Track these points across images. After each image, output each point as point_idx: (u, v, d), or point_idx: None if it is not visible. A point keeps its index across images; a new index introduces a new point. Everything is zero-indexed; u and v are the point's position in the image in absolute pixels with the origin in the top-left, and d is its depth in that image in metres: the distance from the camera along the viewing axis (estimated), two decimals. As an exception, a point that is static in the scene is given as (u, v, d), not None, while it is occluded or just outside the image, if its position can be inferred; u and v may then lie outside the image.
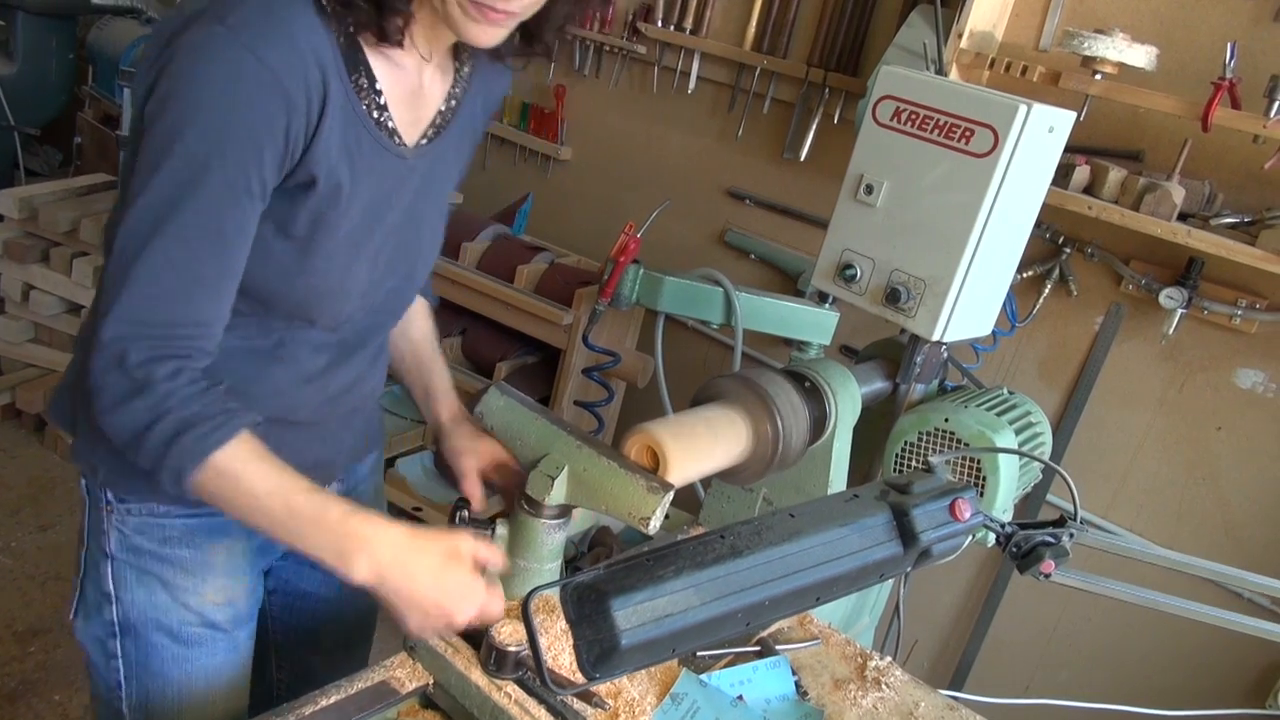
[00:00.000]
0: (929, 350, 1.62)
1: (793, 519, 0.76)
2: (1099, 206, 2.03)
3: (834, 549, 0.75)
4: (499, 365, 2.67)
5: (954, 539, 0.82)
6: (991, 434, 1.49)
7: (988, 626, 2.48)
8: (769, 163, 2.68)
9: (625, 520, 1.19)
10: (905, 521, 0.79)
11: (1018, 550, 0.91)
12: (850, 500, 0.79)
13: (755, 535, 0.73)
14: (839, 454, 1.50)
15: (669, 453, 1.21)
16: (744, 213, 2.75)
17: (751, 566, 0.71)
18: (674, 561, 0.70)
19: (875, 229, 1.56)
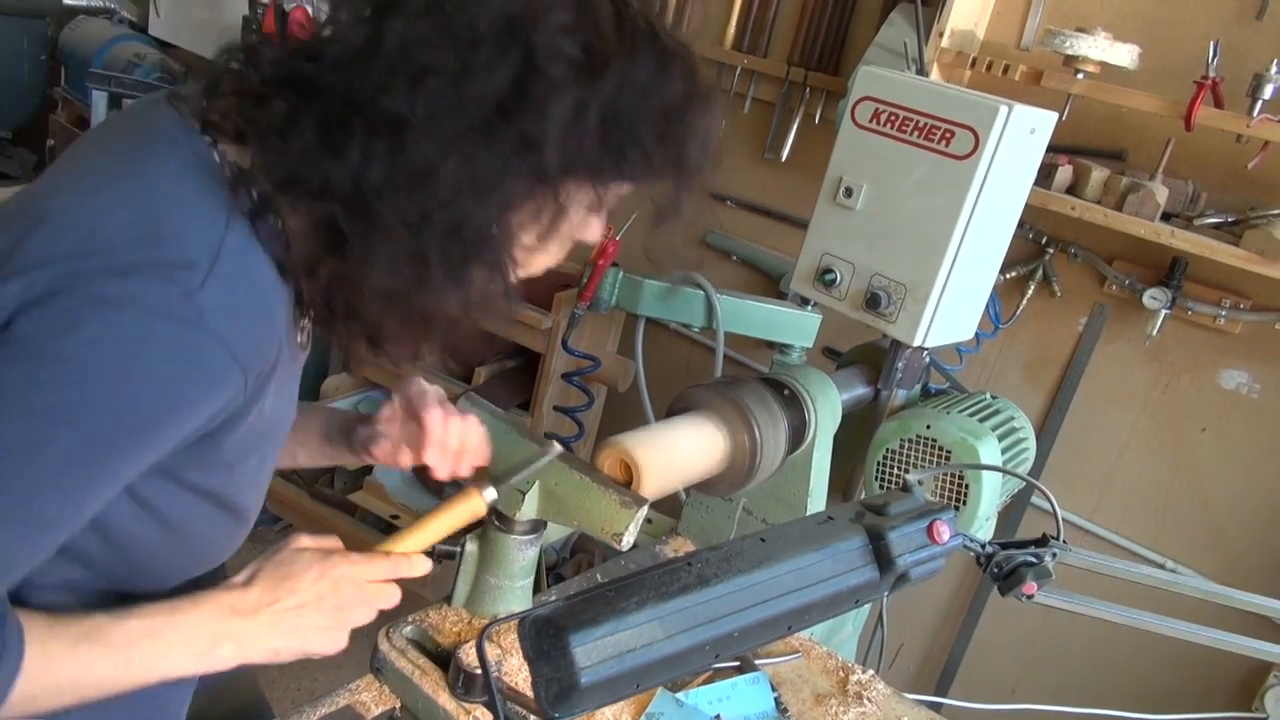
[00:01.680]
0: (910, 355, 1.59)
1: (763, 544, 0.72)
2: (1082, 207, 2.00)
3: (806, 575, 0.71)
4: (478, 370, 2.62)
5: (932, 562, 0.78)
6: (974, 441, 1.45)
7: (973, 629, 2.45)
8: (750, 163, 2.64)
9: (598, 536, 1.15)
10: (881, 545, 0.75)
11: (998, 571, 0.87)
12: (824, 523, 0.76)
13: (724, 563, 0.70)
14: (819, 463, 1.47)
15: (642, 466, 1.17)
16: (725, 214, 2.70)
17: (720, 596, 0.68)
18: (637, 592, 0.67)
19: (855, 232, 1.53)
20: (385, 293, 0.80)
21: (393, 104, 0.74)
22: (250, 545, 1.01)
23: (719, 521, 1.58)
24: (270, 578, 0.91)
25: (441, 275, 0.79)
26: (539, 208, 0.83)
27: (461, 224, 0.78)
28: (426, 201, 0.76)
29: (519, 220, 0.83)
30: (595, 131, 0.79)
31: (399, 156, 0.75)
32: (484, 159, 0.76)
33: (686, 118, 0.83)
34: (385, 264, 0.78)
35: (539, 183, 0.81)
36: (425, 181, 0.76)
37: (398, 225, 0.77)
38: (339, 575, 0.93)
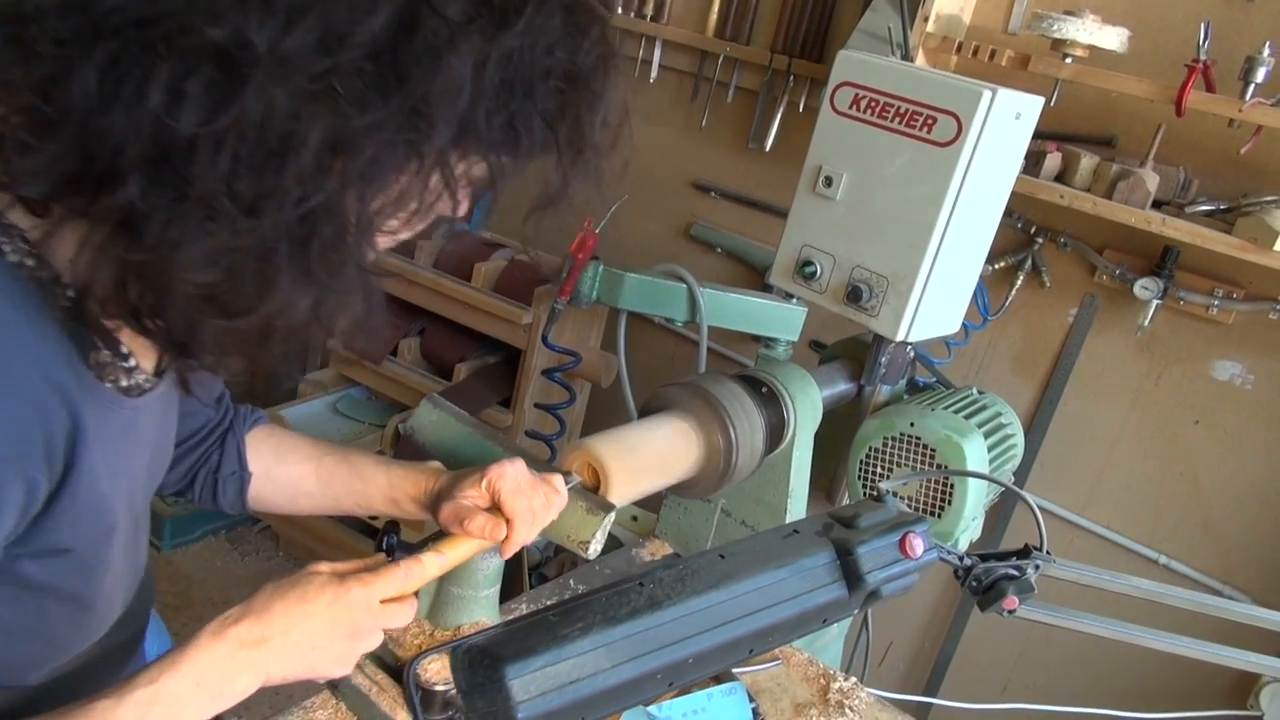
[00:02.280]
0: (894, 350, 1.53)
1: (722, 561, 0.67)
2: (1071, 195, 1.95)
3: (769, 594, 0.66)
4: (458, 366, 2.57)
5: (905, 578, 0.73)
6: (959, 439, 1.40)
7: (964, 627, 2.41)
8: (734, 153, 2.59)
9: (565, 544, 1.10)
10: (850, 561, 0.69)
11: (978, 585, 0.82)
12: (789, 537, 0.70)
13: (678, 583, 0.64)
14: (799, 463, 1.41)
15: (610, 470, 1.11)
16: (710, 205, 2.65)
17: (674, 619, 0.62)
18: (583, 617, 0.61)
19: (835, 223, 1.47)
20: (203, 293, 0.65)
21: (222, 35, 0.57)
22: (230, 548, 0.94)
23: (697, 524, 1.53)
24: (282, 604, 0.84)
25: (286, 274, 0.64)
26: (409, 187, 0.67)
27: (314, 208, 0.62)
28: (266, 176, 0.60)
29: (382, 202, 0.67)
30: (493, 93, 0.65)
31: (227, 109, 0.58)
32: (350, 124, 0.61)
33: (594, 85, 0.71)
34: (202, 258, 0.62)
35: (417, 157, 0.66)
36: (267, 148, 0.60)
37: (223, 207, 0.60)
38: (353, 601, 0.86)
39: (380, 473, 1.11)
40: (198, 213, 0.61)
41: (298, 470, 1.13)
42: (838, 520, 0.73)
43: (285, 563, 2.83)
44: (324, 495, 1.14)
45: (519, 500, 1.00)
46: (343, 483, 1.12)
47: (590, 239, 2.05)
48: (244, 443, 1.12)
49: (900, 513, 0.76)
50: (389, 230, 0.73)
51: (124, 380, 0.79)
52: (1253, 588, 2.09)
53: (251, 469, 1.11)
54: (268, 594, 0.85)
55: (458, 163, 0.69)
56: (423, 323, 2.69)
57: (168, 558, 2.74)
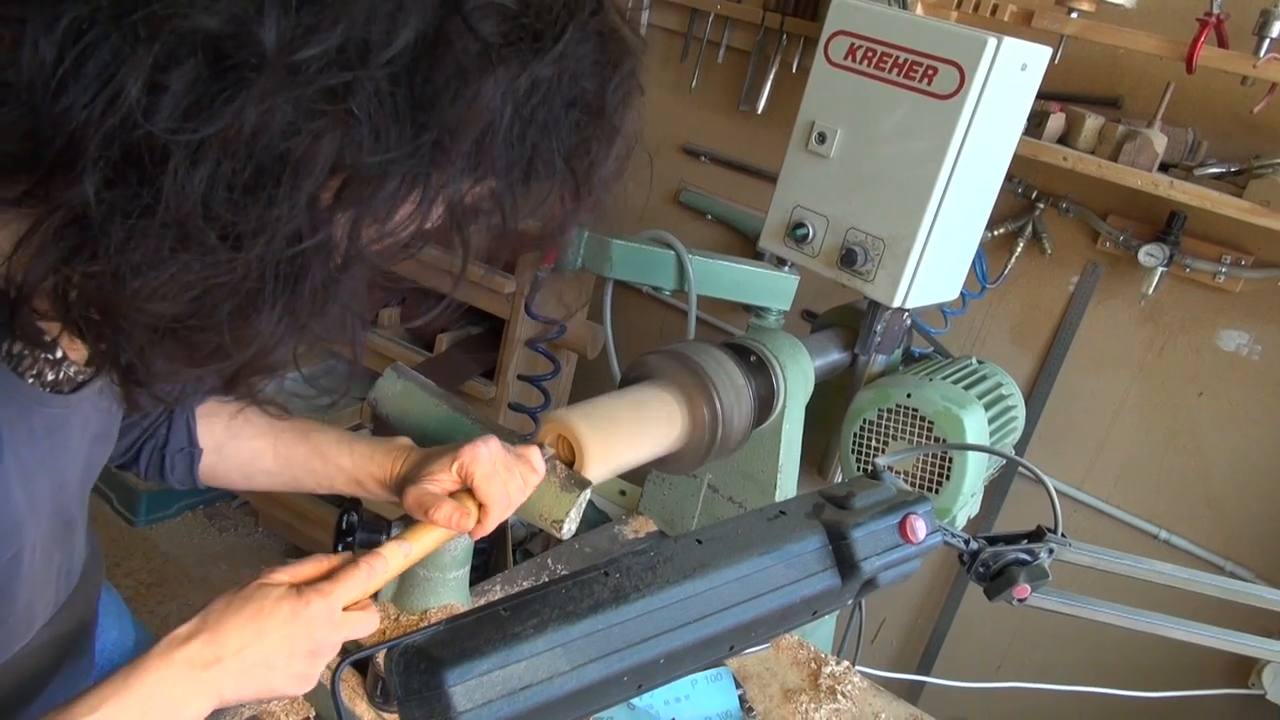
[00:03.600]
0: (890, 317, 1.45)
1: (699, 547, 0.59)
2: (1074, 157, 1.86)
3: (752, 585, 0.58)
4: (439, 337, 2.48)
5: (906, 564, 0.65)
6: (958, 410, 1.32)
7: (958, 604, 2.34)
8: (725, 116, 2.49)
9: (537, 523, 1.03)
10: (843, 546, 0.61)
11: (985, 571, 0.74)
12: (775, 519, 0.62)
13: (648, 572, 0.56)
14: (790, 436, 1.33)
15: (585, 443, 1.04)
16: (700, 170, 2.56)
17: (643, 614, 0.54)
18: (538, 613, 0.53)
19: (828, 183, 1.38)
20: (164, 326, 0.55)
21: (220, 24, 0.48)
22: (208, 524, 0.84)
23: (683, 500, 1.45)
24: (235, 621, 0.76)
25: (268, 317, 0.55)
26: (409, 218, 0.57)
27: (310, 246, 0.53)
28: (254, 204, 0.51)
29: (378, 233, 0.57)
30: (517, 124, 0.57)
31: (214, 116, 0.48)
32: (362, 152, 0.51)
33: (615, 121, 0.63)
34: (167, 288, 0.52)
35: (425, 188, 0.56)
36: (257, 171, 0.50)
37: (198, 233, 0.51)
38: (313, 615, 0.78)
39: (342, 451, 1.03)
40: (166, 234, 0.51)
41: (253, 446, 1.05)
42: (830, 500, 0.65)
43: (264, 539, 2.75)
44: (282, 474, 1.05)
45: (494, 486, 0.94)
46: (301, 461, 1.04)
47: None
48: (194, 415, 1.04)
49: (900, 491, 0.68)
50: (379, 263, 0.63)
51: (49, 374, 0.70)
52: (1255, 563, 2.02)
53: (202, 444, 1.03)
54: (219, 610, 0.77)
55: (467, 196, 0.60)
56: (402, 293, 2.59)
57: (144, 534, 2.65)
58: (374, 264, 0.61)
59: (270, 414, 1.04)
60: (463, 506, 0.92)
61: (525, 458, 0.98)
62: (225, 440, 1.04)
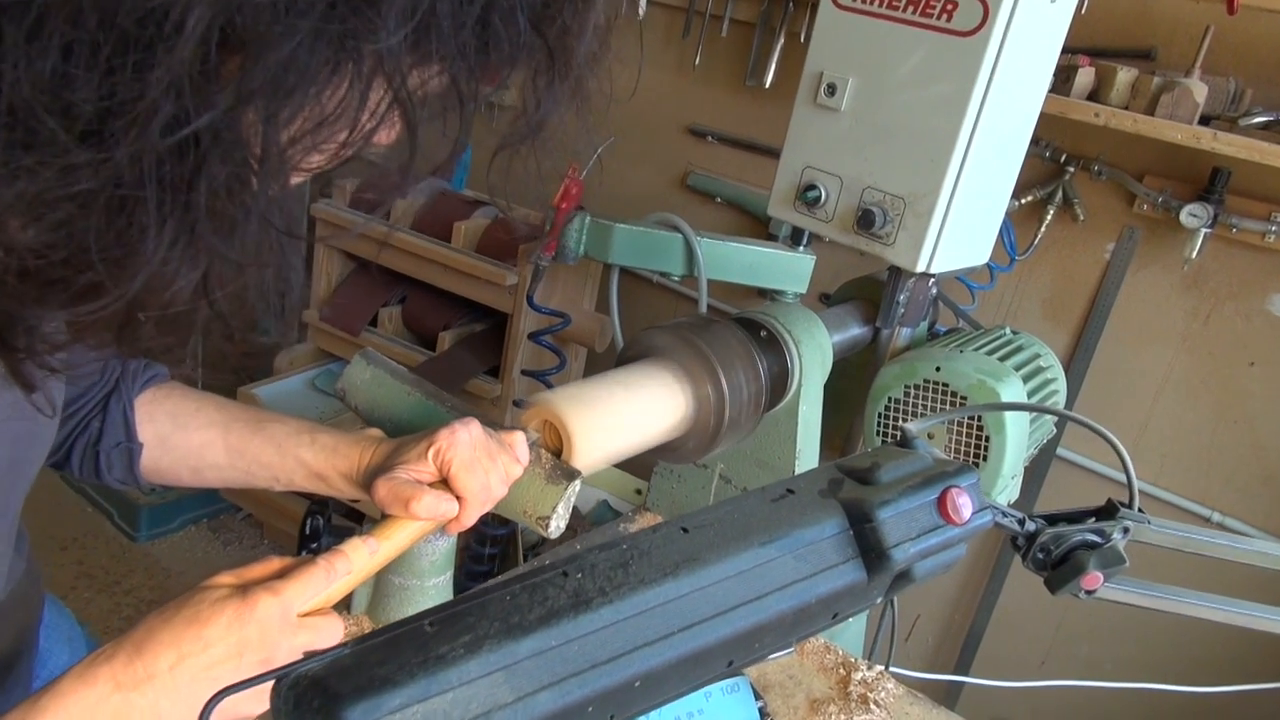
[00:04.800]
0: (914, 285, 1.32)
1: (685, 536, 0.46)
2: (1107, 113, 1.73)
3: (753, 583, 0.45)
4: (442, 335, 2.37)
5: (947, 551, 0.52)
6: (994, 383, 1.19)
7: (998, 595, 2.20)
8: (731, 93, 2.36)
9: (521, 521, 0.91)
10: (868, 531, 0.48)
11: (1045, 557, 0.61)
12: (780, 499, 0.49)
13: (618, 570, 0.43)
14: (807, 418, 1.20)
15: (572, 429, 0.91)
16: (707, 151, 2.44)
17: (611, 624, 0.41)
18: (473, 627, 0.40)
19: (841, 138, 1.25)
20: (18, 265, 0.44)
21: None
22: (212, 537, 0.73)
23: (693, 492, 1.32)
24: (168, 632, 0.66)
25: (156, 236, 0.43)
26: (341, 106, 0.47)
27: (197, 134, 0.42)
28: (116, 81, 0.39)
29: (301, 126, 0.46)
30: None
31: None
32: (255, 6, 0.41)
33: None
34: (13, 208, 0.42)
35: (354, 62, 0.45)
36: (116, 36, 0.39)
37: (44, 127, 0.40)
38: (262, 617, 0.67)
39: (302, 442, 0.91)
40: (4, 136, 0.39)
41: (201, 438, 0.93)
42: (850, 474, 0.52)
43: (270, 551, 2.65)
44: (234, 468, 0.93)
45: (474, 476, 0.82)
46: (255, 455, 0.92)
47: (575, 186, 1.87)
48: (132, 407, 0.92)
49: (937, 460, 0.55)
50: (307, 168, 0.50)
51: None
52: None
53: (143, 438, 0.92)
54: (152, 621, 0.66)
55: (410, 72, 0.48)
56: (403, 290, 2.49)
57: (145, 550, 2.57)
58: (304, 167, 0.48)
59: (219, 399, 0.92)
60: (444, 494, 0.81)
61: (508, 445, 0.87)
62: (169, 432, 0.92)
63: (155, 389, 0.94)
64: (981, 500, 0.54)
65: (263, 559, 0.75)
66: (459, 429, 0.83)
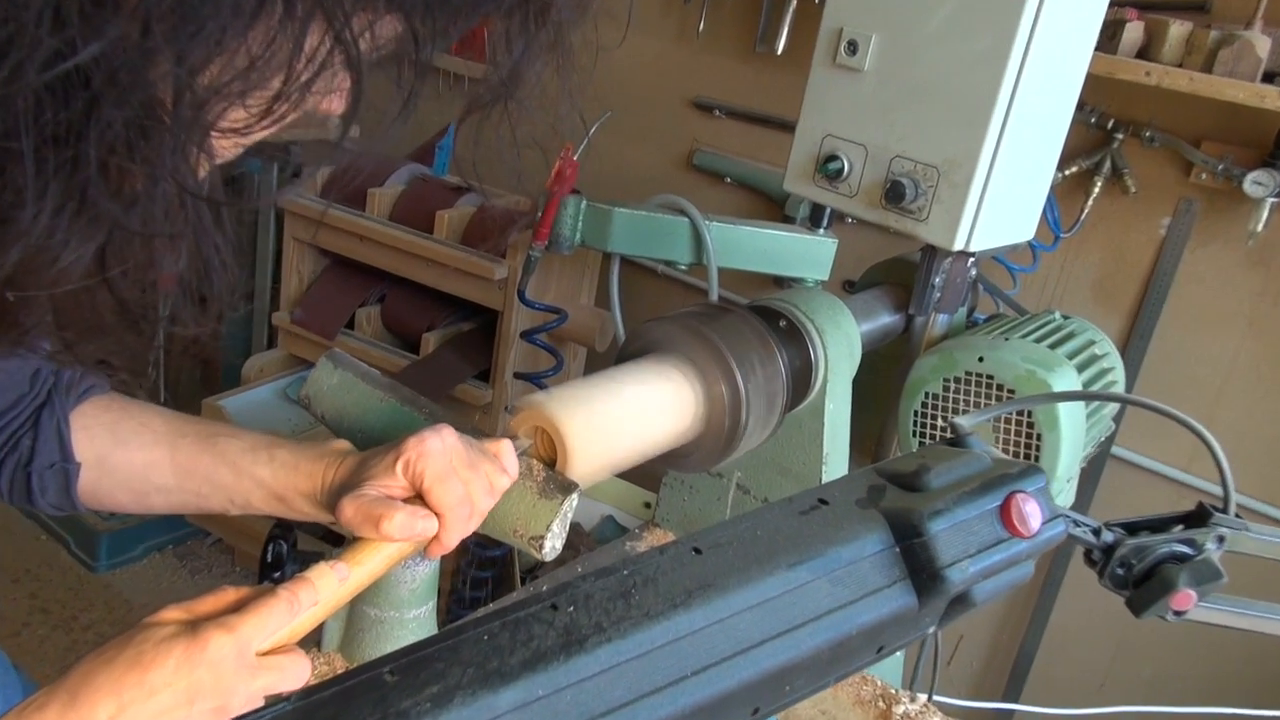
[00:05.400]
0: (951, 266, 1.29)
1: (698, 559, 0.41)
2: (1159, 72, 1.70)
3: (782, 613, 0.40)
4: (425, 336, 2.34)
5: (1013, 569, 0.47)
6: (1045, 373, 1.16)
7: (1049, 613, 2.17)
8: (740, 61, 2.33)
9: (511, 542, 0.87)
10: (918, 547, 0.43)
11: (1126, 572, 0.56)
12: (811, 513, 0.44)
13: (618, 602, 0.39)
14: (834, 418, 1.17)
15: (567, 435, 0.87)
16: (714, 127, 2.41)
17: (609, 668, 0.37)
18: (443, 674, 0.36)
19: (864, 102, 1.22)
20: None
21: None
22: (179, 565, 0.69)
23: (707, 505, 1.28)
24: (107, 677, 0.62)
25: (37, 198, 0.39)
26: (269, 51, 0.43)
27: (83, 73, 0.37)
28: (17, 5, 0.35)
29: (220, 74, 0.42)
30: None
31: None
32: None
33: None
34: None
35: (290, 5, 0.42)
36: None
37: None
38: (215, 658, 0.64)
39: (260, 461, 0.87)
40: None
41: (145, 457, 0.89)
42: (892, 479, 0.47)
43: (242, 579, 2.61)
44: (182, 491, 0.90)
45: (450, 488, 0.79)
46: (206, 474, 0.88)
47: (569, 168, 1.86)
48: (67, 422, 0.88)
49: (996, 461, 0.50)
50: (235, 126, 0.45)
51: None
52: None
53: (80, 457, 0.88)
54: (89, 665, 0.63)
55: (354, 14, 0.44)
56: (382, 287, 2.47)
57: (105, 580, 2.55)
58: (230, 124, 0.44)
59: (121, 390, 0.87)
60: (420, 510, 0.77)
61: (493, 453, 0.84)
62: (109, 451, 0.88)
63: (93, 401, 0.91)
64: (1052, 507, 0.49)
65: (215, 590, 0.71)
66: (429, 437, 0.80)
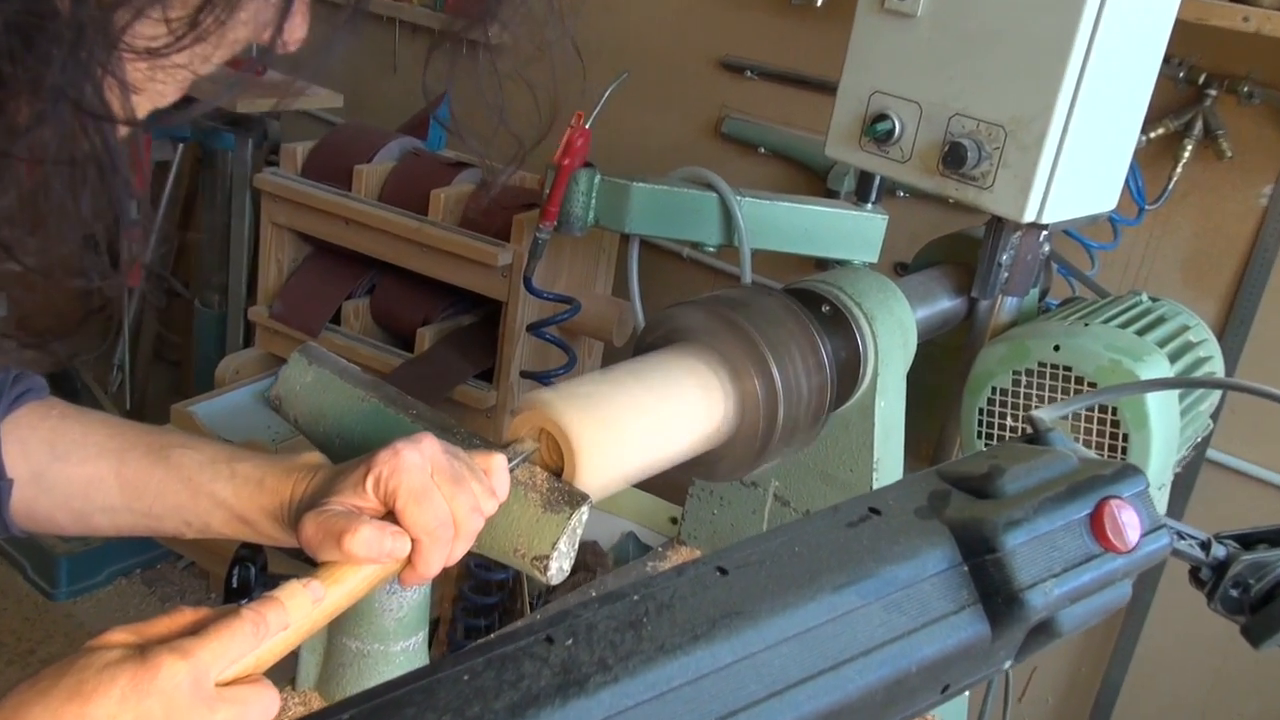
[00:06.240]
0: (1021, 242, 1.29)
1: (723, 580, 0.38)
2: (1259, 17, 1.73)
3: (826, 646, 0.37)
4: (420, 331, 2.36)
5: (1106, 592, 0.44)
6: (1132, 364, 1.17)
7: (1136, 640, 2.16)
8: (774, 14, 2.35)
9: (512, 563, 0.87)
10: (991, 564, 0.40)
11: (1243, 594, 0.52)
12: (860, 525, 0.41)
13: (625, 633, 0.36)
14: (886, 417, 1.18)
15: (576, 440, 0.86)
16: (745, 90, 2.44)
17: (615, 714, 0.34)
18: None
19: (918, 53, 1.24)
20: None
21: None
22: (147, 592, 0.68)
23: (739, 519, 1.29)
24: (43, 708, 0.61)
25: None
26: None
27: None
28: None
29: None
30: None
31: None
32: None
33: None
34: None
35: None
36: None
37: None
38: (167, 686, 0.63)
39: (219, 476, 0.87)
40: None
41: (87, 472, 0.88)
42: (958, 483, 0.44)
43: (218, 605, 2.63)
44: (130, 510, 0.89)
45: (428, 507, 0.77)
46: (157, 492, 0.87)
47: (580, 137, 1.85)
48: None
49: (1082, 460, 0.47)
50: (152, 45, 0.46)
51: None
52: None
53: (13, 473, 0.87)
54: (20, 694, 0.62)
55: None
56: (371, 277, 2.49)
57: (66, 609, 2.60)
58: (142, 38, 0.43)
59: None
60: (394, 530, 0.76)
61: (482, 468, 0.82)
62: (45, 465, 0.88)
63: (30, 409, 0.90)
64: (1153, 515, 0.46)
65: (170, 610, 0.69)
66: (404, 449, 0.79)
